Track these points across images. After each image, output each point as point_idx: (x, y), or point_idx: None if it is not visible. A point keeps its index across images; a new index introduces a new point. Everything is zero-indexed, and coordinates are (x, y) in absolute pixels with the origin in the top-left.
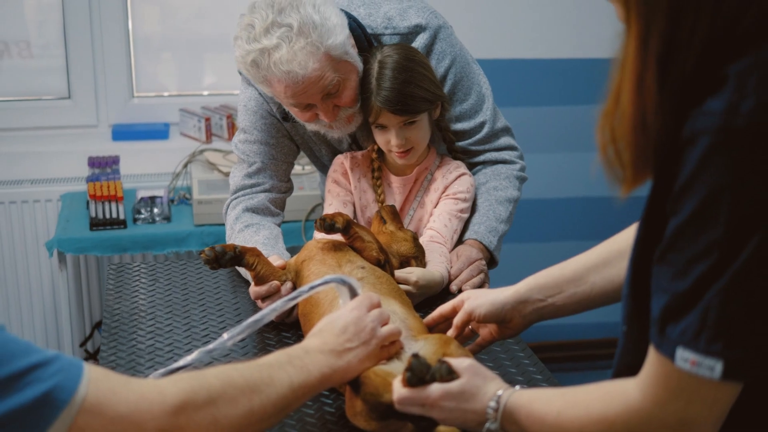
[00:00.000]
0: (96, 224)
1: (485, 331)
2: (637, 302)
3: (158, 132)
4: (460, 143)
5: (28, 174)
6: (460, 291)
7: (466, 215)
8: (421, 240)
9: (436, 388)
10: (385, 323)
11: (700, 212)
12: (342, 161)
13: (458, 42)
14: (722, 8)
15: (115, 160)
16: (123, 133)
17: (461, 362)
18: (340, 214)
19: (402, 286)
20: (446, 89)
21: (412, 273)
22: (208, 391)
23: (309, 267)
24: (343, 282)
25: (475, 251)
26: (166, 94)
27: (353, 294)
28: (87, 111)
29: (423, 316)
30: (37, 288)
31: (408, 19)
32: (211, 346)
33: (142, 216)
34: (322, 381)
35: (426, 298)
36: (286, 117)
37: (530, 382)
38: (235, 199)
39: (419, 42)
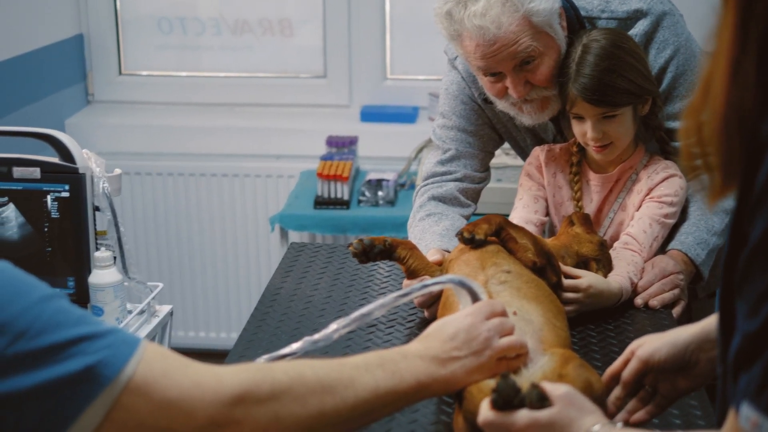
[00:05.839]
0: (320, 203)
1: (665, 386)
2: (727, 340)
3: (406, 115)
4: (678, 144)
5: (277, 149)
6: (646, 306)
7: (671, 221)
8: (615, 246)
9: (523, 415)
10: (507, 334)
11: None
12: (538, 154)
13: (686, 32)
14: None
15: (353, 141)
16: (372, 114)
17: (556, 388)
18: (486, 220)
19: (568, 295)
20: (665, 83)
21: (583, 278)
22: (272, 384)
23: (453, 267)
24: (462, 284)
25: (674, 263)
26: (420, 77)
27: (475, 299)
28: (340, 91)
29: (593, 332)
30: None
31: (628, 3)
32: (316, 336)
33: (366, 198)
34: (417, 389)
35: (599, 310)
36: (487, 99)
37: (685, 417)
38: (425, 186)
39: (638, 29)
